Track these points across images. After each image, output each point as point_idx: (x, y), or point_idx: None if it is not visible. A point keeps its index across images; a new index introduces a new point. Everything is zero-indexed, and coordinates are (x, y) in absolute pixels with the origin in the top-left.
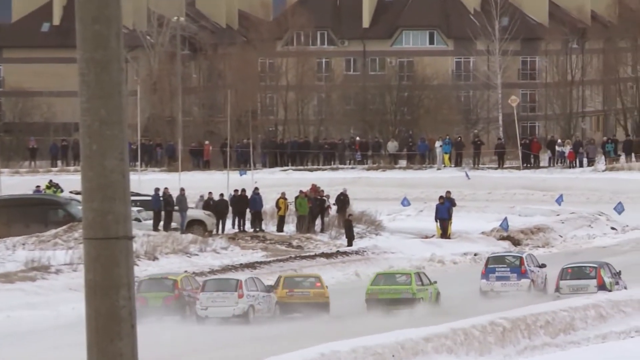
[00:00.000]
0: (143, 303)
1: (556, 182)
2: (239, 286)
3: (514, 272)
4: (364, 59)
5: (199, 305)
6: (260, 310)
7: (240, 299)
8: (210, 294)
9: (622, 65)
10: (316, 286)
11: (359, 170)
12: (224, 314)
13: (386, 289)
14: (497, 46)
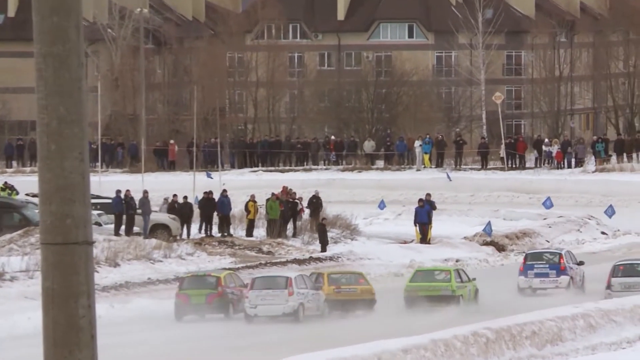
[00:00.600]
0: (185, 301)
1: (543, 184)
2: (289, 283)
3: (553, 269)
4: (339, 53)
5: (248, 304)
6: (310, 309)
7: (290, 296)
8: (259, 292)
9: (613, 60)
10: (360, 282)
11: (333, 172)
12: (273, 312)
13: (425, 285)
14: (480, 40)
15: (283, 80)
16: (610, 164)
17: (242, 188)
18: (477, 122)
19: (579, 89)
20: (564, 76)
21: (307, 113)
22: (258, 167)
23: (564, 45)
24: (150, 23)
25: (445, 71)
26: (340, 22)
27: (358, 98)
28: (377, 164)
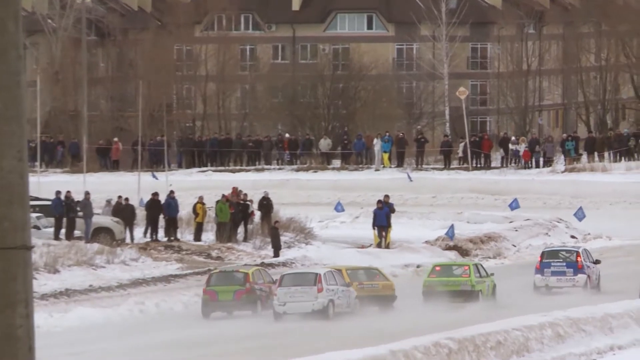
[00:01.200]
0: (213, 297)
1: (509, 184)
2: (318, 280)
3: (570, 267)
4: (294, 45)
5: (277, 301)
6: (340, 305)
7: (320, 293)
8: (287, 289)
9: (584, 53)
10: (377, 278)
11: (287, 172)
12: (302, 310)
13: (445, 280)
14: (443, 31)
15: (234, 74)
16: (581, 164)
17: (190, 189)
18: (440, 119)
19: (548, 84)
20: (532, 70)
21: (260, 109)
22: (207, 166)
23: (532, 37)
24: (92, 13)
25: (406, 65)
26: (295, 12)
27: (314, 93)
28: (334, 164)
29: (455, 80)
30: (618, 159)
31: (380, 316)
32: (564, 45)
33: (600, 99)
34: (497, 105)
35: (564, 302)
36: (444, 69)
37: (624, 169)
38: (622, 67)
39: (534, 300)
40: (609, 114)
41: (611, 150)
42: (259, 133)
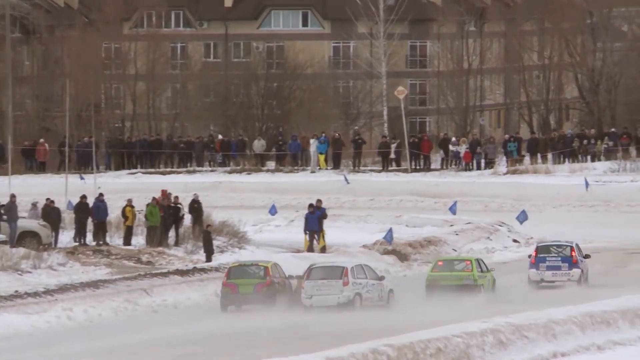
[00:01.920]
0: (233, 290)
1: (450, 187)
2: (344, 273)
3: (565, 262)
4: (226, 43)
5: (304, 294)
6: (370, 299)
7: (345, 286)
8: (315, 282)
9: (527, 51)
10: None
11: (219, 174)
12: (328, 303)
13: (448, 275)
14: (381, 29)
15: (164, 73)
16: (523, 165)
17: (120, 192)
18: (378, 120)
19: (490, 83)
20: (473, 69)
21: (191, 109)
22: (137, 168)
23: (473, 34)
24: (17, 10)
25: (342, 63)
26: (228, 9)
27: (247, 93)
28: (268, 165)
29: (394, 79)
30: (562, 161)
31: (383, 312)
32: (506, 43)
33: (544, 99)
34: (437, 105)
35: (562, 295)
36: (382, 68)
37: (568, 171)
38: (565, 66)
39: (531, 293)
40: (552, 114)
41: (554, 152)
42: (190, 134)
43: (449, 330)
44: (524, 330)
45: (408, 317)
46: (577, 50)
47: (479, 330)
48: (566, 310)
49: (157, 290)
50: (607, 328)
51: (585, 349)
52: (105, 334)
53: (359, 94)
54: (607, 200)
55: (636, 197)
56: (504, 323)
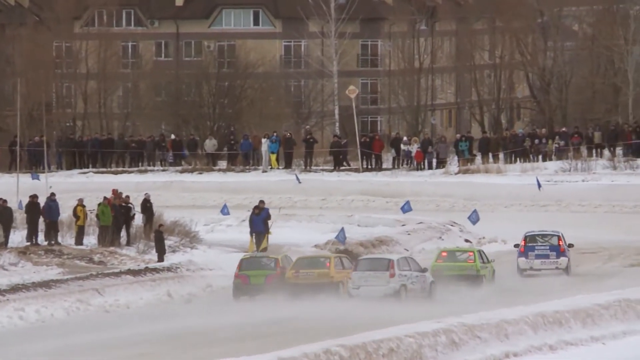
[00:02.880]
0: (245, 281)
1: (401, 186)
2: (391, 266)
3: (553, 251)
4: (178, 42)
5: (351, 285)
6: (414, 290)
7: (392, 278)
8: (362, 273)
9: (478, 51)
10: (326, 266)
11: (171, 173)
12: (375, 294)
13: (451, 265)
14: (332, 28)
15: (116, 72)
16: (475, 165)
17: (71, 191)
18: (329, 119)
19: (441, 82)
20: (425, 68)
21: (142, 108)
22: (88, 168)
23: (424, 33)
24: None
25: (294, 62)
26: (179, 8)
27: (198, 92)
28: (220, 165)
29: (345, 78)
30: (513, 160)
31: (387, 304)
32: (457, 42)
33: (495, 98)
34: (388, 105)
35: (557, 284)
36: (333, 67)
37: (519, 171)
38: (516, 65)
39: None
40: (503, 114)
41: (506, 151)
42: (141, 133)
43: (401, 330)
44: (477, 330)
45: (448, 308)
46: (528, 49)
47: (432, 330)
48: (518, 310)
49: (109, 290)
50: (559, 328)
51: (537, 349)
52: (58, 334)
53: (311, 93)
54: (558, 199)
55: (587, 197)
56: (456, 323)
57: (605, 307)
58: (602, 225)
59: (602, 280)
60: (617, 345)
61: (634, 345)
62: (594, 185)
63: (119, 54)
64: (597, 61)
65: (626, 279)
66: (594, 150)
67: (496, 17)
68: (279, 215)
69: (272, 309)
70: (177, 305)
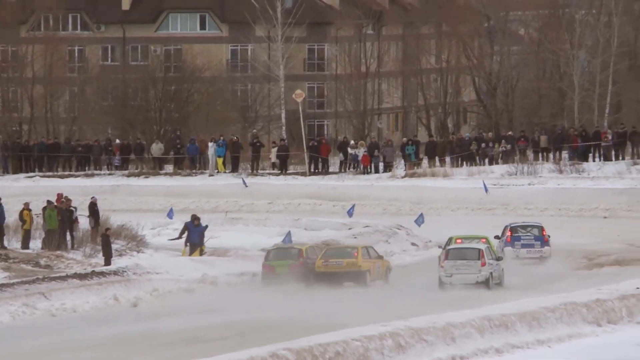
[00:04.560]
0: (270, 271)
1: (348, 190)
2: (481, 255)
3: (538, 240)
4: (124, 46)
5: (443, 272)
6: (495, 278)
7: (483, 267)
8: (454, 262)
9: (425, 55)
10: (354, 255)
11: (118, 177)
12: (467, 281)
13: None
14: (279, 32)
15: (62, 76)
16: (422, 169)
17: (18, 195)
18: (276, 123)
19: (387, 86)
20: (371, 72)
21: (89, 113)
22: (35, 172)
23: (371, 37)
24: None
25: (240, 66)
26: (125, 12)
27: (145, 96)
28: (166, 169)
29: (292, 82)
30: (459, 164)
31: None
32: (404, 46)
33: (441, 102)
34: (335, 109)
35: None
36: (280, 71)
37: (466, 174)
38: (463, 69)
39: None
40: (450, 118)
41: (452, 155)
42: (88, 137)
43: (348, 334)
44: (423, 333)
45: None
46: (474, 53)
47: (378, 333)
48: (465, 313)
49: (56, 294)
50: (505, 331)
51: (483, 352)
52: (4, 339)
53: (257, 97)
54: (504, 203)
55: (533, 201)
56: (403, 327)
57: (552, 310)
58: (548, 228)
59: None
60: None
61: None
62: (540, 189)
63: (66, 58)
64: (543, 65)
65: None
66: (540, 154)
67: (443, 21)
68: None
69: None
70: (124, 308)
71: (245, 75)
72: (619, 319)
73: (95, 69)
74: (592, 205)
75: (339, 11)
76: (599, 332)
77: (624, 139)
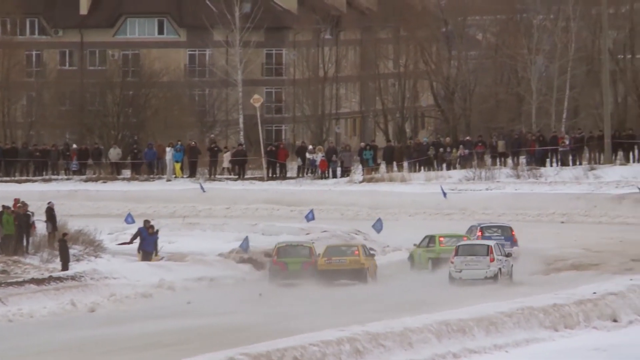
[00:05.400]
0: (283, 268)
1: (306, 195)
2: (490, 251)
3: (508, 240)
4: (82, 51)
5: (454, 268)
6: (505, 273)
7: (492, 262)
8: (464, 258)
9: (382, 60)
10: (355, 254)
11: (75, 182)
12: (476, 276)
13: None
14: (237, 37)
15: (19, 80)
16: (379, 174)
17: None
18: (234, 128)
19: (345, 91)
20: (329, 77)
21: (47, 117)
22: None
23: (329, 42)
24: None
25: (198, 71)
26: (83, 16)
27: (103, 101)
28: (124, 174)
29: (250, 87)
30: (417, 169)
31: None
32: (362, 51)
33: (399, 107)
34: (293, 113)
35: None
36: (238, 76)
37: (424, 179)
38: (421, 74)
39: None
40: (408, 123)
41: (410, 160)
42: (46, 142)
43: (306, 339)
44: (381, 338)
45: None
46: (432, 58)
47: (336, 338)
48: (422, 318)
49: (13, 299)
50: (462, 336)
51: (441, 357)
52: None
53: (215, 102)
54: (462, 208)
55: (491, 205)
56: (360, 332)
57: (509, 315)
58: None
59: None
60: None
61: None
62: (497, 194)
63: (23, 62)
64: (500, 70)
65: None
66: (497, 159)
67: (401, 26)
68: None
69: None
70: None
71: (203, 80)
72: (575, 323)
73: (53, 74)
74: (550, 210)
75: (297, 16)
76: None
77: (582, 144)
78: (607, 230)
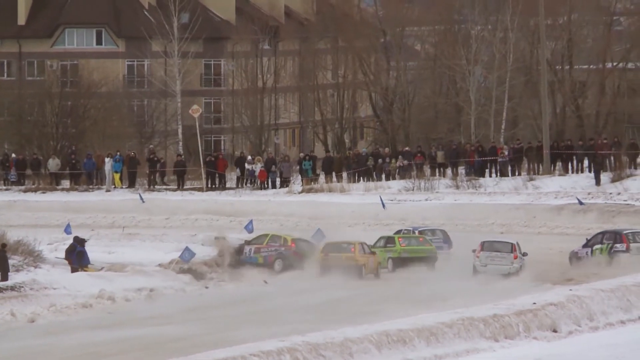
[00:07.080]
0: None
1: (245, 205)
2: (514, 248)
3: (446, 243)
4: (20, 61)
5: (479, 262)
6: (519, 270)
7: (515, 259)
8: (489, 254)
9: (321, 70)
10: (351, 251)
11: (14, 192)
12: (500, 272)
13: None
14: (175, 47)
15: None
16: (319, 184)
17: None
18: (173, 138)
19: (284, 102)
20: (268, 87)
21: None
22: None
23: (267, 53)
24: None
25: (137, 82)
26: (21, 27)
27: (41, 111)
28: (63, 184)
29: (189, 97)
30: (357, 180)
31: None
32: (300, 61)
33: (338, 118)
34: (232, 124)
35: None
36: (177, 86)
37: (363, 190)
38: (359, 85)
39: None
40: (347, 133)
41: (349, 171)
42: None
43: (245, 349)
44: (321, 349)
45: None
46: (371, 68)
47: (276, 349)
48: (363, 328)
49: None
50: (403, 346)
51: None
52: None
53: (154, 112)
54: (402, 218)
55: (430, 216)
56: (300, 342)
57: (449, 326)
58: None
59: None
60: None
61: None
62: (437, 204)
63: None
64: (439, 81)
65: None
66: (437, 169)
67: (339, 36)
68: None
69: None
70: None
71: (142, 91)
72: (516, 334)
73: None
74: (489, 220)
75: (235, 26)
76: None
77: (520, 154)
78: (546, 241)
